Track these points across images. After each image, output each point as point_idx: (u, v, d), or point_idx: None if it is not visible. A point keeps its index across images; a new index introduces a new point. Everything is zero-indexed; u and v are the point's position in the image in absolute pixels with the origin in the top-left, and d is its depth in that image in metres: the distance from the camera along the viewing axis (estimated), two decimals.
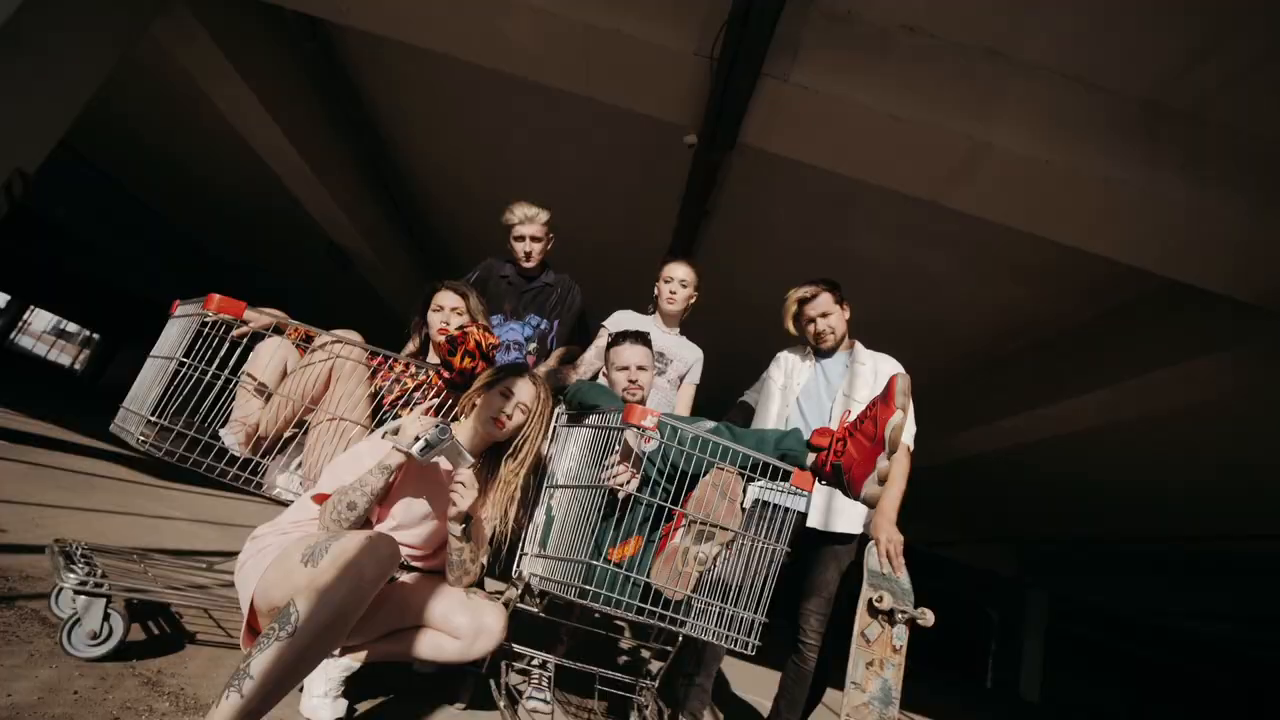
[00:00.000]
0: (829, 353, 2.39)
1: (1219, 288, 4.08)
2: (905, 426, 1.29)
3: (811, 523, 2.00)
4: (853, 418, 1.41)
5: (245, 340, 1.84)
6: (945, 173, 3.84)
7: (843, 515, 2.05)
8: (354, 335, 1.84)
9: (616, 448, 1.65)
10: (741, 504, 1.37)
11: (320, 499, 1.59)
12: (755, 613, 1.36)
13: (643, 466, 1.50)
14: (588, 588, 1.28)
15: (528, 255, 2.58)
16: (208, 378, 1.66)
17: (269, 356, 1.82)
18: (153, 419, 1.60)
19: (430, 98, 5.60)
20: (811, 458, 1.42)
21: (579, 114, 5.09)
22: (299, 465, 1.82)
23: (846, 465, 1.33)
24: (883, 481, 1.29)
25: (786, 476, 1.39)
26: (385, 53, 5.17)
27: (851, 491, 1.33)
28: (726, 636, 1.37)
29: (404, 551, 1.70)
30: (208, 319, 1.67)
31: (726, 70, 3.46)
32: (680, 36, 3.58)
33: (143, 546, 2.13)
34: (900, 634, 1.85)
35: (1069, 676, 17.27)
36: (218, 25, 4.62)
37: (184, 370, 1.64)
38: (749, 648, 1.36)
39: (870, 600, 1.81)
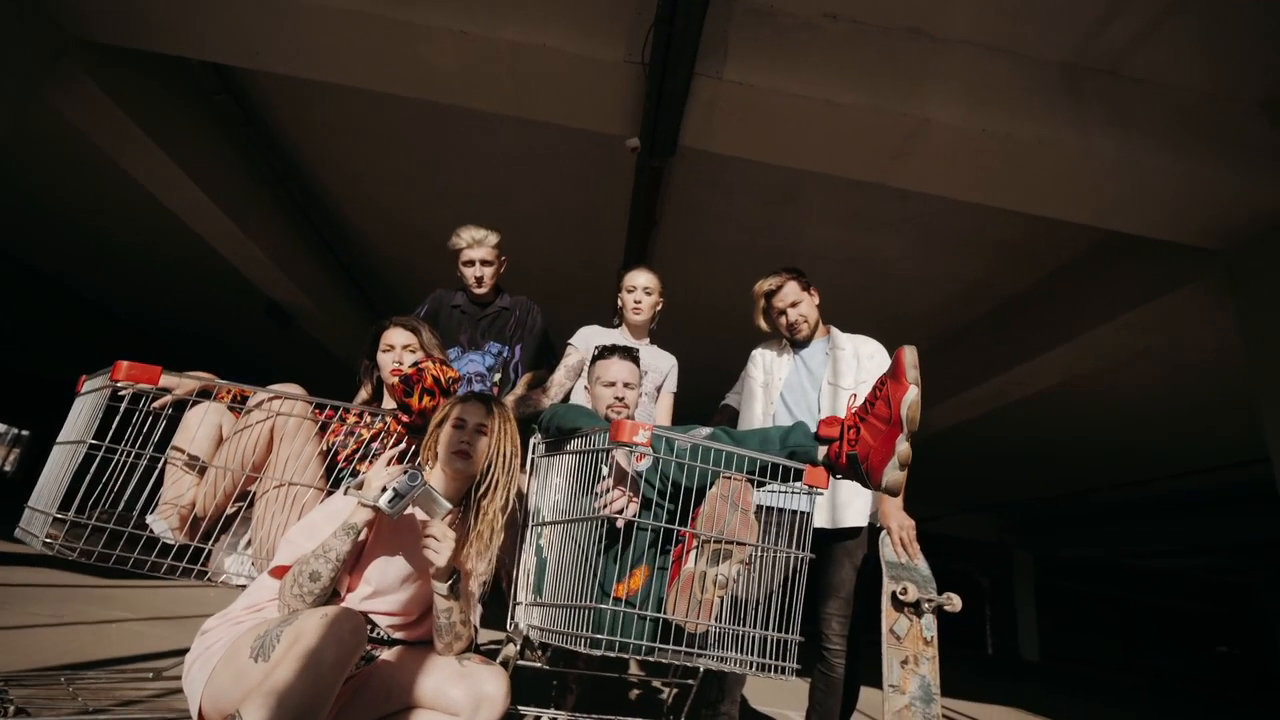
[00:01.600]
0: (805, 342, 2.31)
1: (1158, 233, 4.21)
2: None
3: (819, 523, 1.88)
4: (859, 402, 1.31)
5: (168, 410, 1.63)
6: (887, 153, 3.86)
7: (849, 509, 1.95)
8: (295, 388, 1.65)
9: (605, 472, 1.51)
10: (755, 513, 1.25)
11: (279, 572, 1.39)
12: (788, 632, 1.22)
13: (639, 488, 1.35)
14: (599, 636, 1.13)
15: (479, 280, 2.42)
16: (128, 459, 1.45)
17: (198, 425, 1.61)
18: (60, 516, 1.38)
19: (358, 137, 5.39)
20: (823, 451, 1.30)
21: (517, 136, 4.97)
22: (248, 544, 1.60)
23: (863, 453, 1.22)
24: (904, 466, 1.19)
25: (798, 476, 1.27)
26: (304, 96, 4.96)
27: (871, 481, 1.22)
28: (760, 665, 1.23)
29: (383, 622, 1.50)
30: (119, 391, 1.46)
31: (659, 74, 3.40)
32: (608, 45, 3.51)
33: (81, 660, 1.86)
34: (929, 624, 1.74)
35: (1063, 630, 17.64)
36: (118, 86, 4.34)
37: (97, 454, 1.42)
38: (786, 673, 1.22)
39: (894, 594, 1.70)
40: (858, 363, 2.18)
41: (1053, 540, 14.81)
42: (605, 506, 1.24)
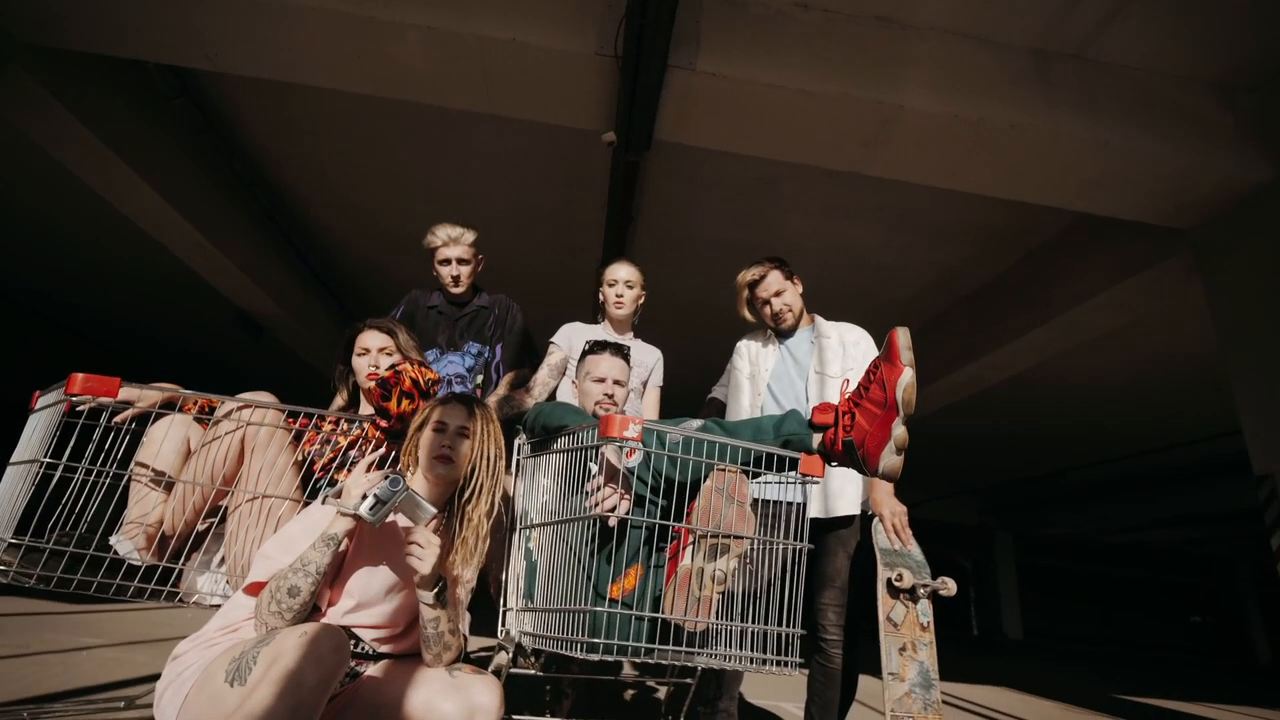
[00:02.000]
0: (790, 331, 2.29)
1: (1128, 214, 4.28)
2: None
3: (813, 513, 1.86)
4: (852, 387, 1.28)
5: (131, 425, 1.55)
6: (861, 141, 3.86)
7: (841, 497, 1.93)
8: (266, 397, 1.58)
9: (594, 470, 1.46)
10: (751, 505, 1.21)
11: (255, 589, 1.32)
12: (789, 625, 1.19)
13: (630, 485, 1.31)
14: (596, 640, 1.08)
15: (455, 280, 2.36)
16: (88, 477, 1.36)
17: (163, 438, 1.53)
18: (15, 541, 1.29)
19: (326, 139, 5.26)
20: (818, 438, 1.27)
21: (491, 134, 4.88)
22: (221, 561, 1.53)
23: (859, 439, 1.19)
24: (901, 450, 1.16)
25: (793, 466, 1.24)
26: (268, 99, 4.82)
27: (868, 467, 1.20)
28: (764, 661, 1.20)
29: (368, 635, 1.44)
30: (77, 406, 1.37)
31: (633, 66, 3.36)
32: (579, 38, 3.46)
33: (48, 692, 1.76)
34: (925, 610, 1.73)
35: (1044, 608, 18.05)
36: (69, 92, 4.16)
37: (55, 474, 1.33)
38: (790, 668, 1.19)
39: (889, 581, 1.68)
40: (844, 350, 2.16)
41: (1033, 519, 15.11)
42: (597, 505, 1.20)
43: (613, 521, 1.21)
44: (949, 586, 1.66)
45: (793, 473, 1.24)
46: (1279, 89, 3.72)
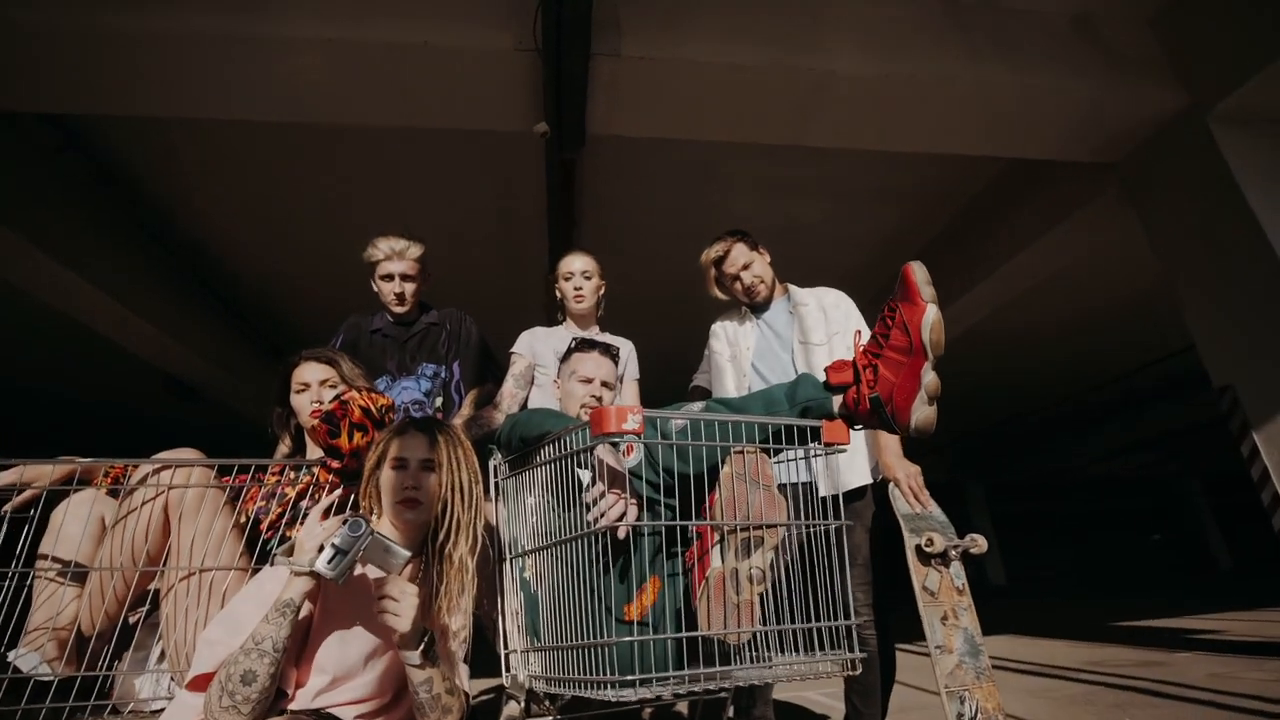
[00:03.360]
0: (765, 304, 2.17)
1: (1058, 154, 4.37)
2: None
3: (824, 492, 1.73)
4: (864, 340, 1.15)
5: (33, 511, 1.29)
6: (797, 110, 3.81)
7: (851, 469, 1.81)
8: (189, 453, 1.34)
9: (585, 478, 1.28)
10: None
11: (201, 683, 1.09)
12: (845, 617, 1.04)
13: (633, 487, 1.14)
14: (630, 678, 0.91)
15: (400, 297, 2.13)
16: None
17: (71, 521, 1.28)
18: None
19: (235, 176, 4.87)
20: (838, 401, 1.14)
21: (417, 148, 4.61)
22: (162, 657, 1.28)
23: (885, 394, 1.06)
24: (933, 399, 1.04)
25: (815, 436, 1.10)
26: (162, 140, 4.42)
27: (898, 423, 1.07)
28: (821, 664, 1.05)
29: (350, 715, 1.22)
30: None
31: (555, 58, 3.20)
32: (496, 35, 3.28)
33: None
34: (958, 572, 1.62)
35: (1021, 551, 18.67)
36: None
37: None
38: (854, 666, 1.05)
39: (919, 547, 1.57)
40: (825, 315, 2.05)
41: (999, 468, 15.60)
42: (602, 516, 1.03)
43: (622, 532, 1.04)
44: (980, 544, 1.55)
45: (815, 444, 1.10)
46: (1184, 16, 3.84)
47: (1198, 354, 4.00)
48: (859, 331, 1.21)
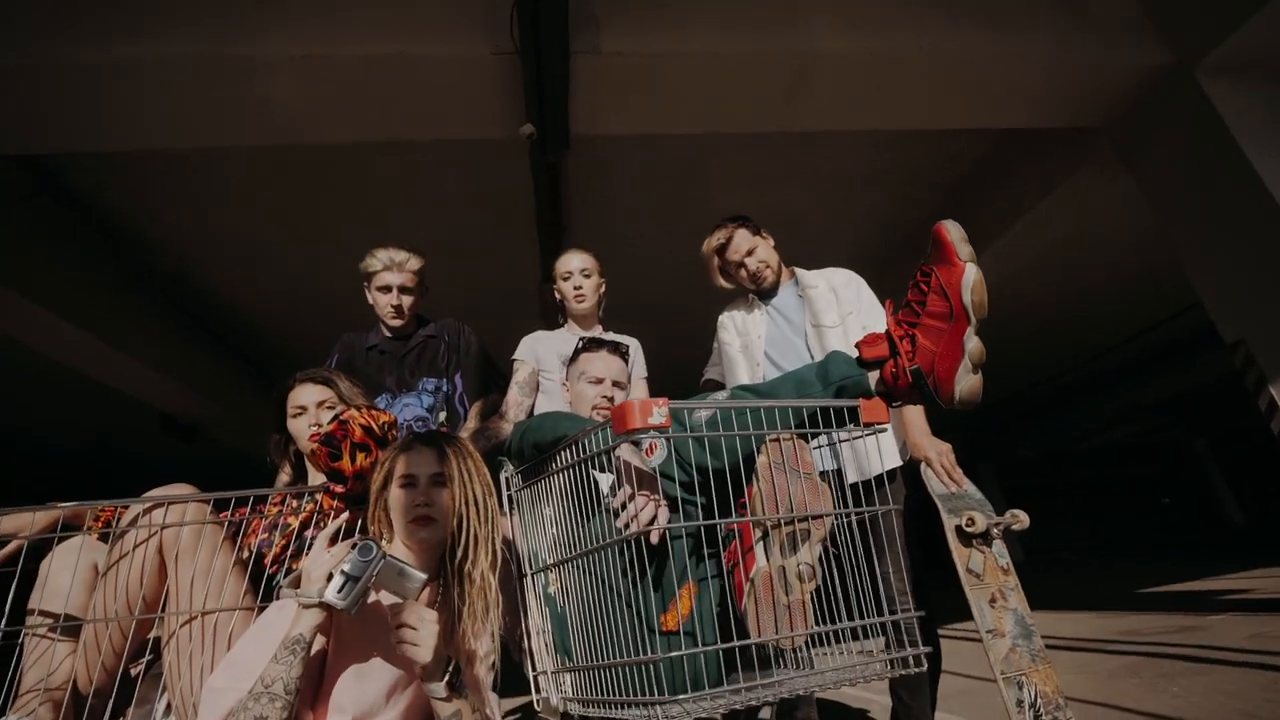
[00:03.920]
0: (773, 290, 2.09)
1: (1045, 121, 4.32)
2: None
3: (851, 479, 1.65)
4: (895, 311, 1.08)
5: (17, 566, 1.21)
6: (781, 95, 3.75)
7: (876, 454, 1.73)
8: (183, 488, 1.26)
9: (604, 485, 1.21)
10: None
11: None
12: (907, 608, 0.97)
13: (662, 488, 1.06)
14: (681, 697, 0.82)
15: (398, 309, 2.05)
16: None
17: (61, 571, 1.20)
18: None
19: (214, 207, 4.78)
20: (875, 377, 1.06)
21: (400, 163, 4.52)
22: (168, 710, 1.19)
23: (926, 365, 0.98)
24: (978, 366, 0.96)
25: (853, 416, 1.02)
26: (138, 176, 4.34)
27: (941, 395, 0.99)
28: (886, 664, 0.96)
29: None
30: None
31: (535, 59, 3.14)
32: (472, 39, 3.22)
33: None
34: (1001, 550, 1.55)
35: (1035, 525, 18.56)
36: None
37: None
38: (919, 662, 0.97)
39: (959, 527, 1.49)
40: (836, 296, 1.98)
41: (1006, 444, 15.55)
42: (633, 520, 0.94)
43: (655, 537, 0.96)
44: (1022, 519, 1.48)
45: (853, 426, 1.02)
46: None
47: (1195, 316, 3.95)
48: (890, 301, 1.14)
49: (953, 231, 1.00)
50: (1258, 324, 3.57)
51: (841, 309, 1.94)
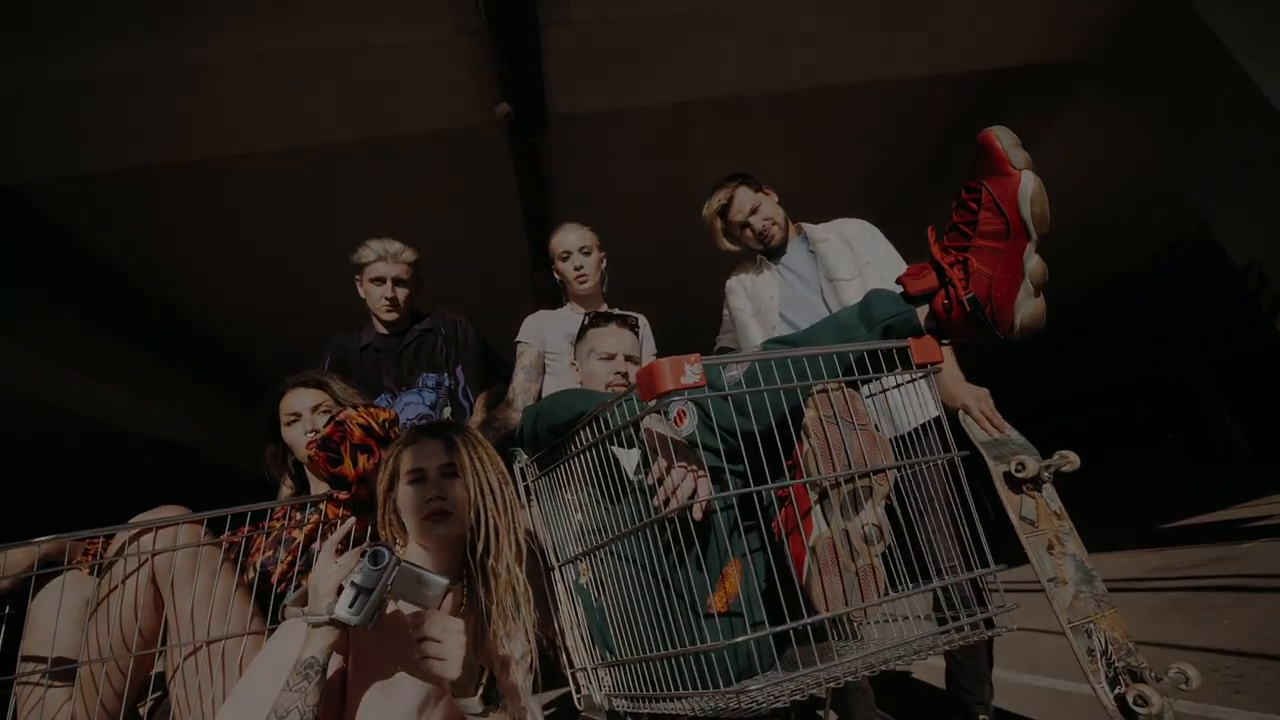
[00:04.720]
0: (781, 248, 1.98)
1: (1032, 57, 4.18)
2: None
3: (888, 433, 1.55)
4: (939, 238, 0.97)
5: (3, 610, 1.11)
6: (764, 51, 3.61)
7: (909, 407, 1.63)
8: (171, 510, 1.16)
9: (627, 464, 1.10)
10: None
11: None
12: (981, 565, 0.87)
13: (696, 457, 0.95)
14: (753, 689, 0.72)
15: (392, 303, 1.94)
16: None
17: (45, 612, 1.10)
18: None
19: (184, 225, 4.62)
20: (924, 311, 0.96)
21: (373, 161, 4.36)
22: None
23: (983, 292, 0.88)
24: (1039, 288, 0.86)
25: (904, 358, 0.92)
26: (105, 198, 4.17)
27: (1000, 324, 0.89)
28: (962, 632, 0.87)
29: None
30: None
31: (504, 35, 3.00)
32: (436, 20, 3.07)
33: None
34: (1052, 495, 1.46)
35: None
36: None
37: None
38: (993, 624, 0.87)
39: (1007, 474, 1.40)
40: (850, 247, 1.87)
41: (1014, 391, 15.52)
42: (672, 494, 0.84)
43: (699, 512, 0.86)
44: (1072, 459, 1.37)
45: (904, 369, 0.92)
46: None
47: (1195, 245, 3.86)
48: (931, 227, 1.03)
49: (1004, 138, 0.89)
50: (1270, 243, 3.48)
51: (857, 260, 1.84)
